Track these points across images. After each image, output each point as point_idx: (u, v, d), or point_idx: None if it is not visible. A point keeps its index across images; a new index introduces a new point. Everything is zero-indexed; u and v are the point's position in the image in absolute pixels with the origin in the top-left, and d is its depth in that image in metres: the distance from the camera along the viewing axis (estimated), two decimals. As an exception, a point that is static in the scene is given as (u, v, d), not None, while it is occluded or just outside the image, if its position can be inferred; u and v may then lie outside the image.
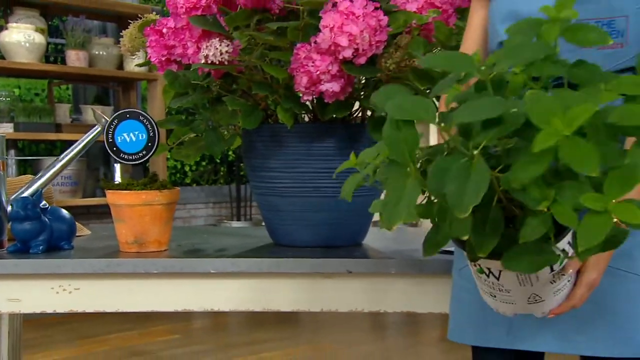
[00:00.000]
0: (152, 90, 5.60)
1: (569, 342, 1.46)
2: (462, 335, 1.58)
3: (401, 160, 1.04)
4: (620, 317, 1.43)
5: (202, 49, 1.68)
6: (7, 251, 1.81)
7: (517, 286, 1.22)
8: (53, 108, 5.26)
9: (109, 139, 1.85)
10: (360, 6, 1.59)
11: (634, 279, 1.42)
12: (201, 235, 2.12)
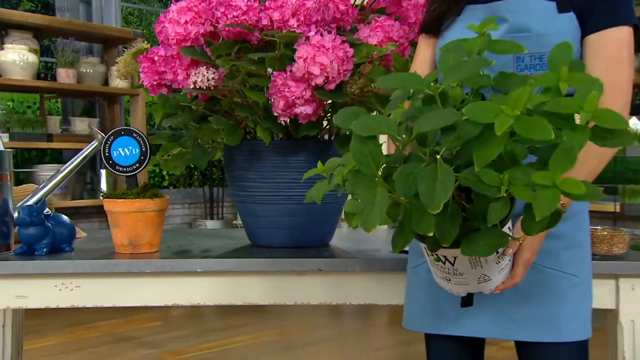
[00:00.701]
0: (134, 103, 5.57)
1: (504, 329, 1.47)
2: (416, 324, 1.58)
3: (368, 171, 1.06)
4: (547, 308, 1.45)
5: (191, 76, 1.68)
6: (14, 253, 1.79)
7: (469, 269, 1.26)
8: (45, 120, 5.19)
9: (105, 153, 1.84)
10: (330, 40, 1.60)
11: (560, 276, 1.45)
12: (187, 237, 2.11)
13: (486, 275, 1.28)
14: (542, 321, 1.44)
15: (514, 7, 1.41)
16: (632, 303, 1.71)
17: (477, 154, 0.97)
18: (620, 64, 1.37)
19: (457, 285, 1.32)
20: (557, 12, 1.39)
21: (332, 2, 1.74)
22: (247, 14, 1.71)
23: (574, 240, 1.45)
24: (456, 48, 1.12)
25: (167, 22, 1.68)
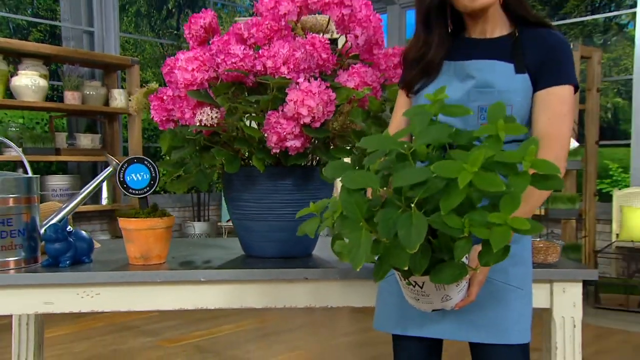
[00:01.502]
0: (131, 121, 5.50)
1: (462, 332, 1.48)
2: (386, 326, 1.58)
3: (354, 217, 1.10)
4: (497, 315, 1.46)
5: (197, 115, 1.68)
6: (41, 265, 1.77)
7: (434, 291, 1.30)
8: (53, 136, 5.11)
9: (120, 178, 1.83)
10: (316, 86, 1.61)
11: (508, 288, 1.47)
12: (189, 248, 2.09)
13: (448, 296, 1.32)
14: (493, 326, 1.46)
15: (480, 67, 1.45)
16: (563, 303, 1.75)
17: (443, 202, 1.03)
18: (561, 117, 1.41)
19: (424, 304, 1.36)
20: (515, 72, 1.43)
21: (315, 52, 1.75)
22: (243, 60, 1.71)
23: (520, 258, 1.48)
24: (421, 113, 1.17)
25: (177, 69, 1.67)
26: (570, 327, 1.76)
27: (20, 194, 1.75)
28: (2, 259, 1.72)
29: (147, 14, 7.56)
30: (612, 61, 6.19)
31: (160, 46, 7.29)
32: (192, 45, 1.94)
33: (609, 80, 5.81)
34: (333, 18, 1.83)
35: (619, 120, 6.28)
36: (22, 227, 1.75)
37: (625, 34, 6.23)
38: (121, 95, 5.38)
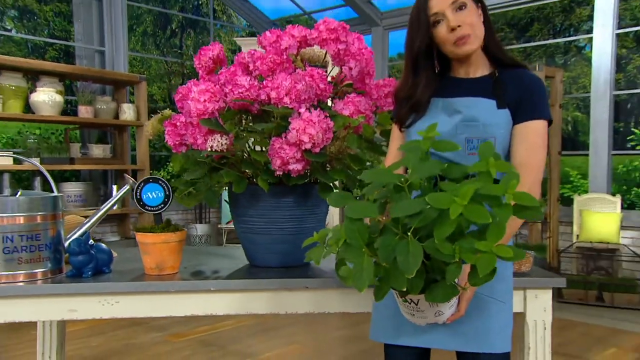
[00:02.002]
0: (139, 132, 5.51)
1: (451, 342, 1.48)
2: (380, 337, 1.57)
3: (357, 244, 1.12)
4: (482, 327, 1.47)
5: (209, 141, 1.67)
6: (66, 275, 1.76)
7: (428, 307, 1.31)
8: (68, 146, 5.10)
9: (137, 196, 1.82)
10: (316, 115, 1.61)
11: (492, 302, 1.47)
12: (198, 257, 2.08)
13: (440, 311, 1.33)
14: (478, 336, 1.46)
15: (466, 103, 1.47)
16: (535, 308, 1.76)
17: (436, 231, 1.05)
18: (537, 148, 1.44)
19: (419, 319, 1.36)
20: (497, 108, 1.44)
21: (314, 83, 1.76)
22: (249, 90, 1.71)
23: (502, 275, 1.47)
24: (414, 148, 1.19)
25: (190, 99, 1.67)
26: (541, 330, 1.77)
27: (46, 211, 1.74)
28: (31, 270, 1.70)
29: (153, 34, 7.53)
30: (572, 79, 6.25)
31: (164, 63, 7.26)
32: (201, 75, 1.94)
33: (569, 97, 5.86)
34: (330, 52, 1.83)
35: (578, 132, 6.34)
36: (48, 242, 1.74)
37: (583, 56, 6.29)
38: (130, 109, 5.37)
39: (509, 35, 7.13)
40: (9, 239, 1.68)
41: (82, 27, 5.86)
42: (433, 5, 1.45)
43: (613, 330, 3.88)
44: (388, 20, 6.75)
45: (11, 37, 5.85)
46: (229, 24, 7.85)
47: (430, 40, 1.49)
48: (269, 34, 1.90)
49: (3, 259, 1.68)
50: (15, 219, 1.68)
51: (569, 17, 6.69)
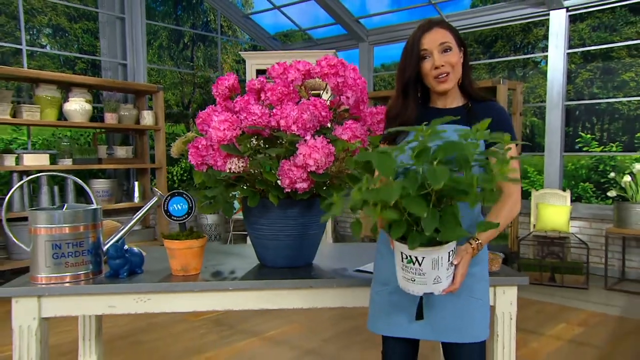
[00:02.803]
0: (157, 136, 5.48)
1: (438, 334, 1.48)
2: (378, 329, 1.56)
3: (386, 173, 1.14)
4: (463, 321, 1.47)
5: (228, 163, 1.68)
6: (105, 276, 1.78)
7: (430, 269, 1.24)
8: (96, 148, 5.07)
9: (164, 208, 1.84)
10: (320, 142, 1.63)
11: (472, 300, 1.48)
12: (215, 257, 2.08)
13: (439, 277, 1.26)
14: (460, 329, 1.47)
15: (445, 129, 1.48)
16: (503, 301, 1.79)
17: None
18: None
19: (419, 285, 1.28)
20: None
21: (317, 110, 1.77)
22: (261, 118, 1.72)
23: (481, 276, 1.51)
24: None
25: (211, 128, 1.68)
26: (508, 320, 1.81)
27: (88, 222, 1.75)
28: (76, 272, 1.72)
29: (168, 47, 7.47)
30: (530, 89, 6.29)
31: (178, 73, 7.22)
32: (219, 101, 1.94)
33: (527, 106, 5.90)
34: (330, 85, 1.84)
35: (535, 135, 6.39)
36: (90, 247, 1.75)
37: (539, 69, 6.33)
38: (149, 115, 5.34)
39: (477, 50, 7.15)
40: (57, 246, 1.69)
41: (107, 42, 5.81)
42: (424, 43, 1.49)
43: (563, 307, 3.92)
44: (373, 36, 6.74)
45: (46, 53, 5.79)
46: (234, 38, 7.80)
47: (419, 70, 1.51)
48: (277, 67, 1.91)
49: (52, 263, 1.69)
50: (62, 229, 1.70)
51: (527, 36, 6.72)
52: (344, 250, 2.20)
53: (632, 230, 4.36)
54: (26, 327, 1.69)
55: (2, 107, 4.29)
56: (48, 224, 1.69)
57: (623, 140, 5.95)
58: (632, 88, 5.71)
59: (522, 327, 3.39)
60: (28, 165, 4.44)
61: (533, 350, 3.03)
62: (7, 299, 1.66)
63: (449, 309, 1.45)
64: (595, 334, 3.34)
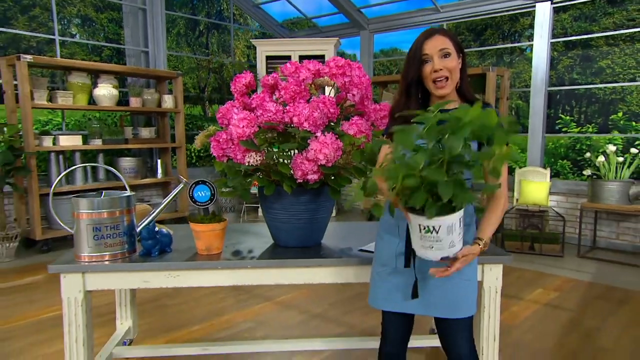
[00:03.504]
0: (177, 117, 5.47)
1: (432, 310, 1.50)
2: (378, 304, 1.57)
3: (407, 146, 1.18)
4: (454, 299, 1.49)
5: (246, 157, 1.70)
6: (139, 255, 1.81)
7: (445, 235, 1.23)
8: (123, 130, 5.08)
9: (189, 194, 1.85)
10: (329, 138, 1.64)
11: (462, 281, 1.49)
12: (236, 236, 2.10)
13: (453, 242, 1.26)
14: (452, 305, 1.48)
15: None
16: (490, 277, 1.82)
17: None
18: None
19: (437, 251, 1.26)
20: None
21: (326, 107, 1.77)
22: (275, 114, 1.73)
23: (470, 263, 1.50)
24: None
25: (231, 125, 1.69)
26: (494, 294, 1.84)
27: (123, 207, 1.78)
28: (113, 252, 1.76)
29: (185, 34, 7.37)
30: (516, 74, 6.22)
31: (195, 59, 7.15)
32: (236, 97, 1.94)
33: (514, 90, 5.85)
34: (338, 84, 1.83)
35: (519, 116, 6.35)
36: (125, 230, 1.78)
37: (525, 56, 6.25)
38: (169, 99, 5.32)
39: (469, 37, 7.04)
40: (97, 229, 1.73)
41: (130, 31, 5.74)
42: (426, 48, 1.48)
43: (540, 274, 3.95)
44: (373, 25, 6.63)
45: (76, 42, 5.73)
46: (245, 25, 7.69)
47: (420, 73, 1.51)
48: (290, 65, 1.90)
49: (93, 244, 1.73)
50: (101, 214, 1.73)
51: (515, 25, 6.60)
52: (349, 230, 2.22)
53: (604, 204, 4.39)
54: (73, 298, 1.75)
55: (39, 93, 4.28)
56: (89, 210, 1.72)
57: (598, 122, 5.92)
58: (608, 74, 5.65)
59: (504, 293, 3.42)
60: (63, 145, 4.46)
61: (513, 313, 3.09)
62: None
63: (440, 289, 1.47)
64: (568, 298, 3.40)
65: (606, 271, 4.06)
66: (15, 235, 4.23)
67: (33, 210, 4.31)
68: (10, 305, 3.21)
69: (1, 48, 5.25)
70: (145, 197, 5.54)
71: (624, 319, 3.02)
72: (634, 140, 5.67)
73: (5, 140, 4.10)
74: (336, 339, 2.38)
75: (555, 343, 2.67)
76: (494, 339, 1.89)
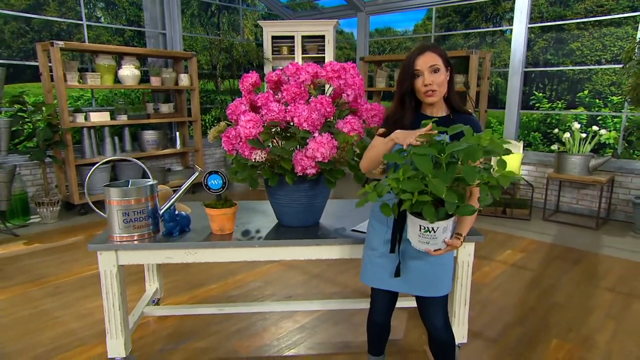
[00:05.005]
0: (192, 94, 5.38)
1: (413, 289, 1.51)
2: (368, 281, 1.59)
3: (426, 170, 1.21)
4: (432, 279, 1.50)
5: (253, 154, 1.70)
6: (162, 235, 1.85)
7: (441, 234, 1.29)
8: (145, 106, 5.02)
9: (204, 182, 1.87)
10: (326, 138, 1.63)
11: (439, 265, 1.50)
12: (245, 215, 2.11)
13: (445, 238, 1.32)
14: (430, 285, 1.50)
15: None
16: (464, 254, 1.87)
17: (473, 156, 1.22)
18: None
19: (431, 245, 1.32)
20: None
21: (323, 107, 1.76)
22: (279, 114, 1.72)
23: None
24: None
25: (239, 126, 1.68)
26: (466, 267, 1.90)
27: (147, 194, 1.80)
28: (141, 232, 1.80)
29: (198, 15, 7.16)
30: (497, 54, 6.08)
31: (207, 38, 6.98)
32: (244, 94, 1.91)
33: (494, 70, 5.73)
34: (334, 85, 1.81)
35: (498, 92, 6.26)
36: (150, 213, 1.82)
37: (505, 37, 6.08)
38: (185, 77, 5.23)
39: (455, 19, 6.83)
40: (126, 214, 1.76)
41: (150, 14, 5.57)
42: (417, 64, 1.47)
43: (510, 236, 3.98)
44: (369, 7, 6.42)
45: (101, 25, 5.58)
46: (252, 7, 7.45)
47: (413, 86, 1.49)
48: (291, 66, 1.87)
49: (124, 226, 1.77)
50: (129, 201, 1.76)
51: (497, 9, 6.39)
52: (343, 210, 2.24)
53: (568, 175, 4.40)
54: (109, 271, 1.80)
55: (71, 75, 4.21)
56: (119, 198, 1.75)
57: (567, 99, 5.83)
58: (577, 56, 5.52)
59: (477, 254, 3.48)
60: (94, 121, 4.43)
61: (485, 273, 3.16)
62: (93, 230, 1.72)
63: (420, 270, 1.50)
64: (532, 258, 3.45)
65: (565, 233, 4.11)
66: (57, 200, 4.28)
67: (71, 179, 4.34)
68: (59, 263, 3.29)
69: (36, 32, 5.13)
70: (166, 165, 5.55)
71: (576, 277, 3.09)
72: (597, 116, 5.60)
73: (44, 119, 4.07)
74: (331, 301, 2.45)
75: (518, 300, 2.75)
76: (465, 303, 1.96)
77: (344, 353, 2.13)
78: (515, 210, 4.61)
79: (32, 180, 4.48)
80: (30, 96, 5.01)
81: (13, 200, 4.12)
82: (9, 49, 5.14)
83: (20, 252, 3.52)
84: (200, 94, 5.98)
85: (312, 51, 6.04)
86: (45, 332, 2.33)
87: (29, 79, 5.35)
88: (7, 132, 3.85)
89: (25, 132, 4.18)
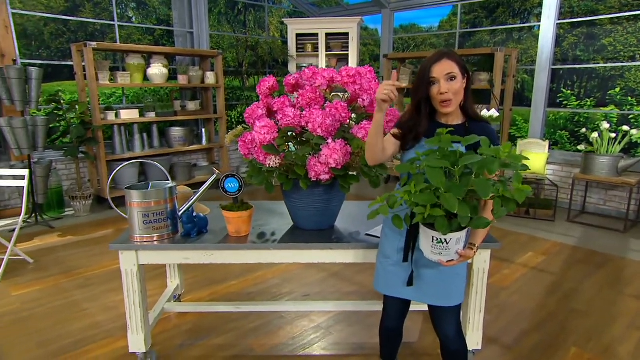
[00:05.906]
0: (218, 91, 5.43)
1: (426, 298, 1.50)
2: (380, 288, 1.58)
3: (438, 183, 1.18)
4: (445, 289, 1.48)
5: (267, 159, 1.70)
6: (181, 236, 1.87)
7: (454, 246, 1.27)
8: (172, 103, 5.10)
9: (221, 186, 1.88)
10: (339, 145, 1.62)
11: (453, 274, 1.47)
12: (261, 217, 2.10)
13: (458, 249, 1.30)
14: (443, 294, 1.48)
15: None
16: (479, 260, 1.82)
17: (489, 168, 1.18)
18: None
19: (444, 256, 1.30)
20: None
21: (339, 114, 1.74)
22: (294, 119, 1.71)
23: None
24: None
25: (255, 132, 1.68)
26: (482, 273, 1.85)
27: (167, 197, 1.82)
28: (160, 233, 1.82)
29: (225, 13, 7.19)
30: (524, 51, 5.87)
31: (234, 36, 7.02)
32: (261, 97, 1.91)
33: (521, 67, 5.54)
34: (349, 90, 1.79)
35: (525, 90, 6.05)
36: (169, 215, 1.84)
37: (533, 33, 5.86)
38: (211, 75, 5.28)
39: (481, 15, 6.62)
40: (146, 215, 1.79)
41: (178, 13, 5.64)
42: (433, 71, 1.42)
43: (532, 237, 3.87)
44: (394, 4, 6.30)
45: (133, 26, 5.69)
46: (278, 4, 7.43)
47: (429, 93, 1.45)
48: (308, 71, 1.86)
49: (144, 227, 1.80)
50: (149, 203, 1.78)
51: (525, 4, 6.15)
52: (359, 212, 2.21)
53: (595, 176, 4.22)
54: (130, 270, 1.84)
55: (103, 74, 4.32)
56: (140, 200, 1.78)
57: (597, 97, 5.57)
58: (610, 52, 5.25)
59: (497, 256, 3.40)
60: (124, 118, 4.54)
61: (504, 276, 3.08)
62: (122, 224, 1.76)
63: (433, 280, 1.47)
64: (554, 262, 3.35)
65: (591, 236, 3.96)
66: (90, 194, 4.42)
67: (102, 174, 4.47)
68: (90, 255, 3.40)
69: (73, 32, 5.27)
70: (192, 161, 5.64)
71: (600, 282, 2.97)
72: (629, 115, 5.34)
73: (78, 117, 4.20)
74: (346, 302, 2.44)
75: (536, 304, 2.67)
76: (480, 311, 1.91)
77: (358, 355, 2.12)
78: (539, 211, 4.47)
79: (67, 175, 4.64)
80: (66, 94, 5.18)
81: (49, 193, 4.28)
82: (48, 49, 5.32)
83: (55, 243, 3.66)
84: (226, 91, 6.03)
85: (336, 48, 5.99)
86: (74, 323, 2.41)
87: (66, 77, 5.51)
88: (44, 130, 3.99)
89: (60, 129, 4.33)
